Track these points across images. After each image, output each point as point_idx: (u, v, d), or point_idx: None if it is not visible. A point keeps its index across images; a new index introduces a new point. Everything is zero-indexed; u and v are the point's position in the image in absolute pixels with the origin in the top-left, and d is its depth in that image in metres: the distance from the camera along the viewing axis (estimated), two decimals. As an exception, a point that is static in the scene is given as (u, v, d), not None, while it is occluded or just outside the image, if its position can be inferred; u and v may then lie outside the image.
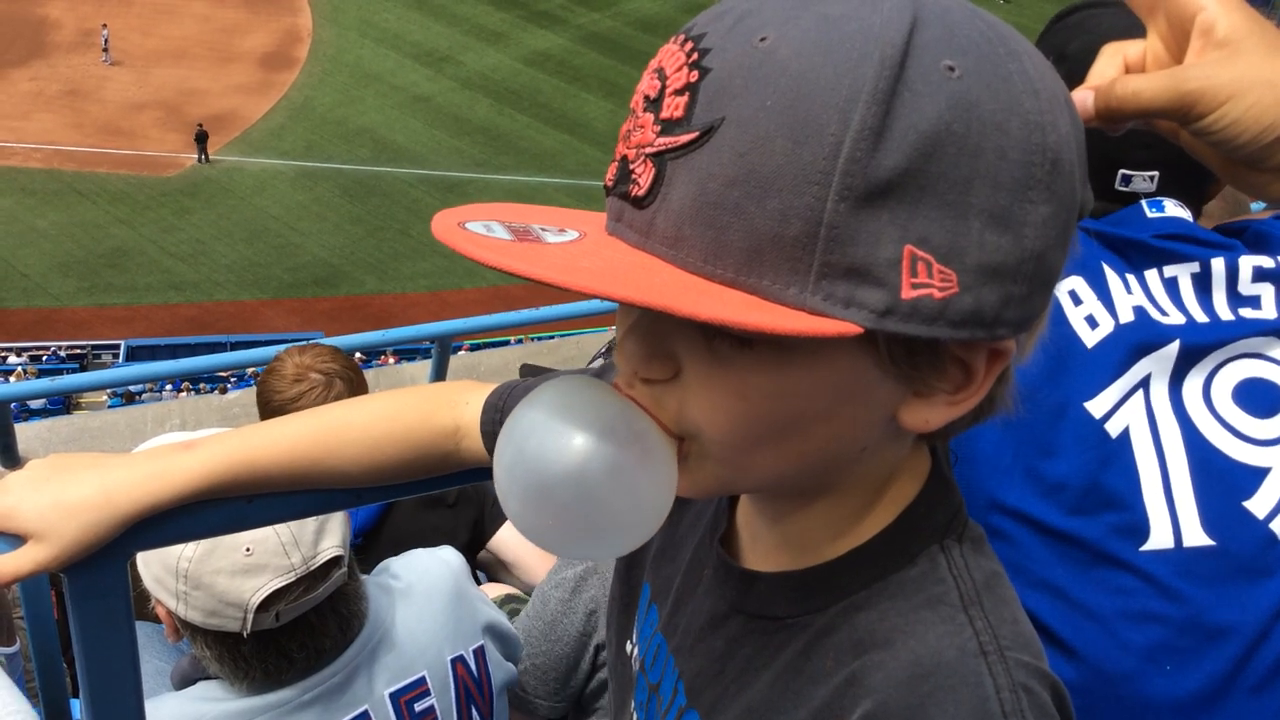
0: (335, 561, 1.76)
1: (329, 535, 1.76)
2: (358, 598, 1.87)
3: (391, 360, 16.68)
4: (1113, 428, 1.33)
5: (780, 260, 0.70)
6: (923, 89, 0.69)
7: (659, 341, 0.79)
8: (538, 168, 41.71)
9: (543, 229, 0.79)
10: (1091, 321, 1.37)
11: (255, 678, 1.77)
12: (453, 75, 46.97)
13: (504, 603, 2.70)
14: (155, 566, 1.69)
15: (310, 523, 1.73)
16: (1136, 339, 1.35)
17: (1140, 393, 1.34)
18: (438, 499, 3.10)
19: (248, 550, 1.67)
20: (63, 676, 2.11)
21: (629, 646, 1.12)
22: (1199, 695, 1.30)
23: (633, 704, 1.07)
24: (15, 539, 1.09)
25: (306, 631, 1.77)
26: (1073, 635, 1.32)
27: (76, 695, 2.28)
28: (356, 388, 2.99)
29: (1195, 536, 1.31)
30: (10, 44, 46.15)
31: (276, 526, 1.69)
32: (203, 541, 1.65)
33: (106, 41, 46.21)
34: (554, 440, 0.85)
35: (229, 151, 41.66)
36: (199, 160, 40.62)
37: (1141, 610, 1.31)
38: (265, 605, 1.69)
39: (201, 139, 40.55)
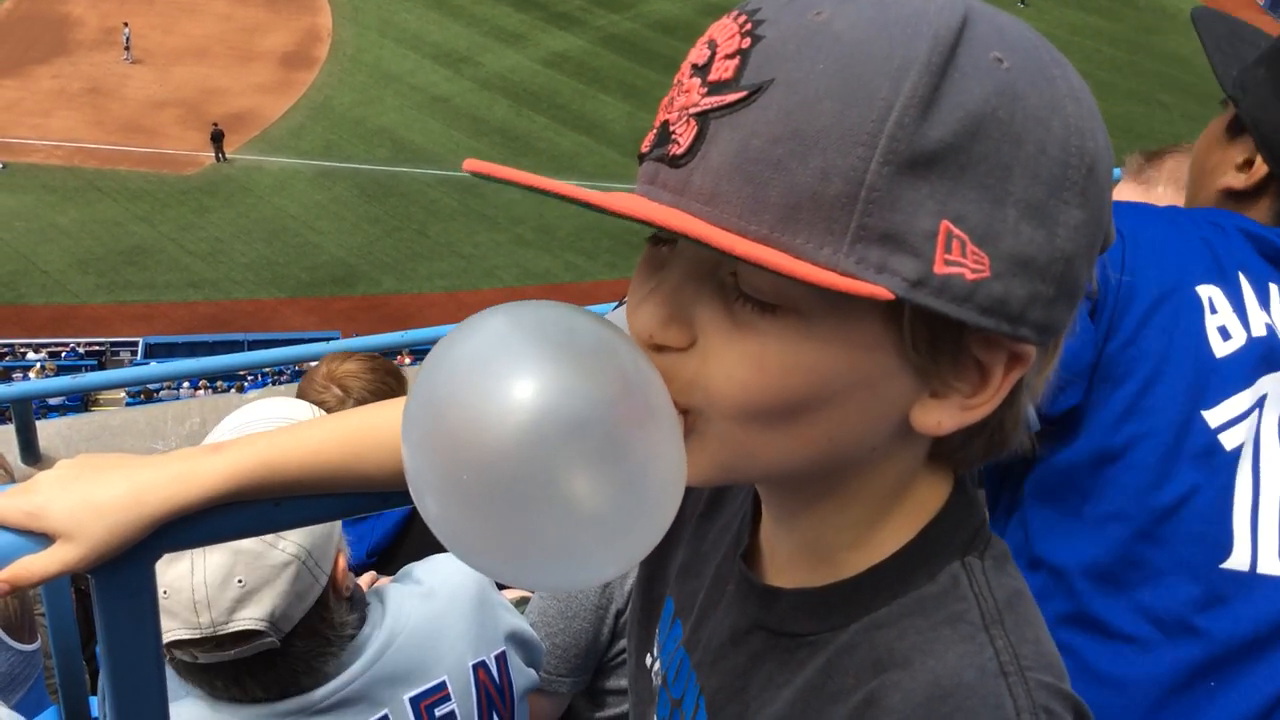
0: (250, 634, 1.63)
1: (253, 605, 1.62)
2: (339, 624, 1.78)
3: (408, 361, 16.71)
4: (1227, 440, 1.34)
5: (817, 219, 0.70)
6: (971, 72, 0.71)
7: (679, 307, 0.78)
8: (555, 169, 41.74)
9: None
10: (1224, 333, 1.38)
11: (257, 695, 1.71)
12: (471, 76, 47.09)
13: (521, 604, 2.70)
14: None
15: (233, 589, 1.60)
16: (1262, 353, 1.37)
17: (1255, 411, 1.35)
18: None
19: (164, 593, 1.57)
20: (82, 674, 2.11)
21: (649, 660, 1.11)
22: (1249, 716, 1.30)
23: (655, 718, 1.06)
24: (44, 538, 1.08)
25: (296, 657, 1.70)
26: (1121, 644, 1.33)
27: (95, 693, 2.29)
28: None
29: (1271, 565, 1.31)
30: (33, 42, 46.47)
31: (200, 579, 1.59)
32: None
33: (128, 40, 46.51)
34: (487, 389, 0.65)
35: (248, 150, 41.86)
36: (216, 159, 40.79)
37: (1195, 625, 1.31)
38: (178, 646, 1.62)
39: (217, 138, 40.75)
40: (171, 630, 1.59)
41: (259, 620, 1.62)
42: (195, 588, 1.58)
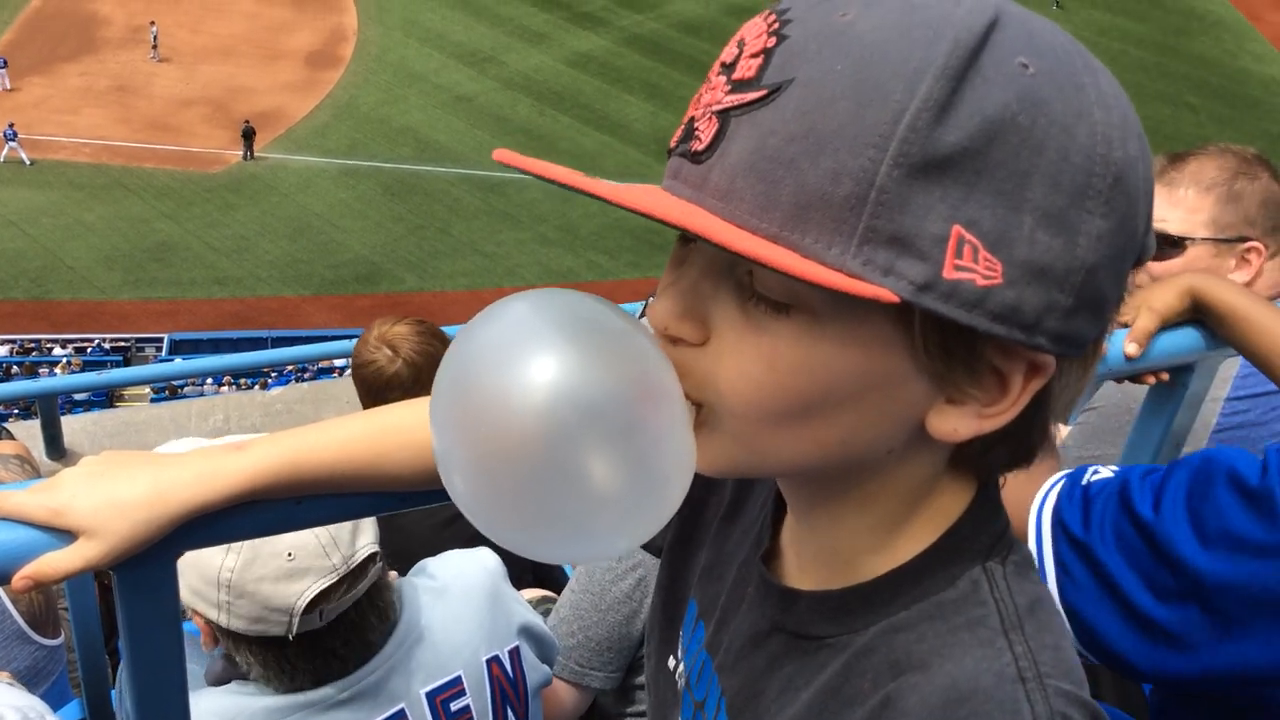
0: (372, 557, 1.78)
1: (364, 532, 1.78)
2: (389, 587, 1.90)
3: (430, 358, 16.74)
4: None
5: (826, 219, 0.70)
6: (994, 76, 0.70)
7: (695, 302, 0.79)
8: (578, 168, 41.00)
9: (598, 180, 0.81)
10: None
11: (303, 683, 1.78)
12: (495, 76, 47.13)
13: (538, 604, 2.70)
14: (193, 578, 1.69)
15: (345, 525, 1.74)
16: None
17: None
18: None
19: (290, 555, 1.67)
20: (105, 669, 2.13)
21: (672, 662, 1.11)
22: None
23: None
24: (67, 535, 1.09)
25: (349, 628, 1.78)
26: None
27: (114, 687, 2.31)
28: (423, 374, 2.98)
29: None
30: (61, 39, 46.82)
31: (314, 529, 1.70)
32: (242, 550, 1.66)
33: (155, 38, 46.79)
34: (509, 368, 0.69)
35: (274, 149, 42.02)
36: (244, 157, 41.00)
37: None
38: (310, 607, 1.69)
39: (248, 135, 40.96)
40: (308, 588, 1.69)
41: (372, 543, 1.78)
42: (318, 534, 1.71)
